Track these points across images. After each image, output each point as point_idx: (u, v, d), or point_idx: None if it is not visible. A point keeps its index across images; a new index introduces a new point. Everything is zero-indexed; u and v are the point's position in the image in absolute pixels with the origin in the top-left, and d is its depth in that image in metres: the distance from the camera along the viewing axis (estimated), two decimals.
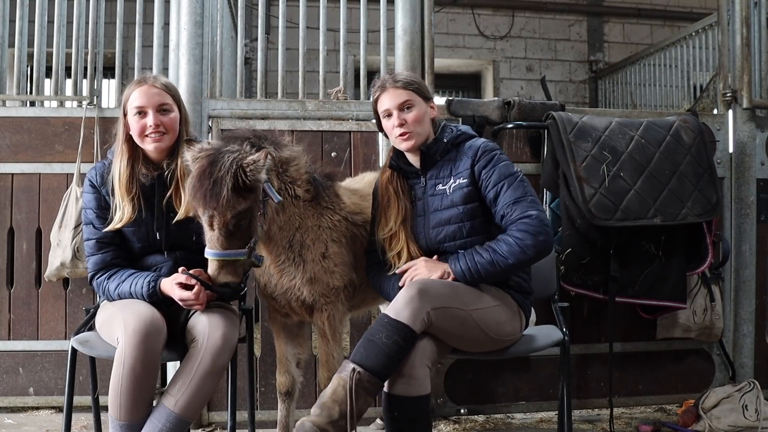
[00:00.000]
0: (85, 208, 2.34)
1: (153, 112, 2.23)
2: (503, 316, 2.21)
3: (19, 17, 3.37)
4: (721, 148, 3.47)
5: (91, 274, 2.31)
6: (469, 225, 2.24)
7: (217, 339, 2.08)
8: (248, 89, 5.81)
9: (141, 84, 2.26)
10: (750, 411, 2.93)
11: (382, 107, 2.32)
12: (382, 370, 1.98)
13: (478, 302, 2.15)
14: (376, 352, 1.99)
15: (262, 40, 3.33)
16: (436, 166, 2.32)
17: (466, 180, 2.24)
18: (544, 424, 3.24)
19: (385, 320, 2.04)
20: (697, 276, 3.23)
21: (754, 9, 3.54)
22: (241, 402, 2.77)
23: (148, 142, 2.25)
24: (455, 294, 2.13)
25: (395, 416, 2.02)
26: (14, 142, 3.20)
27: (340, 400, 1.96)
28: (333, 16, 3.41)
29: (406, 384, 2.01)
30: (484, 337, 2.18)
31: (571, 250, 3.02)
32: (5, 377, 3.18)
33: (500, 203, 2.20)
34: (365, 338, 2.04)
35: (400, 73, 2.37)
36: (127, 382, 1.98)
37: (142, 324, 2.03)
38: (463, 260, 2.18)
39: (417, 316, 2.02)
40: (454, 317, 2.09)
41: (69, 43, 3.35)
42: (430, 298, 2.06)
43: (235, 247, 2.07)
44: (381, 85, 2.32)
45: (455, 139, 2.32)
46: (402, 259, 2.31)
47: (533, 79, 7.21)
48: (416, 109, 2.28)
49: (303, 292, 2.33)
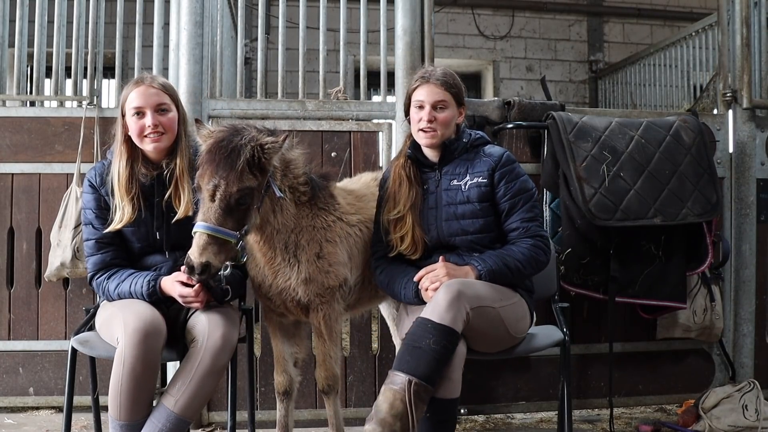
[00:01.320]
0: (84, 209, 2.34)
1: (151, 113, 2.23)
2: (520, 312, 2.27)
3: (19, 17, 3.37)
4: (721, 148, 3.47)
5: (90, 275, 2.31)
6: (481, 222, 2.31)
7: (217, 339, 2.08)
8: (248, 89, 5.81)
9: (138, 84, 2.26)
10: (750, 411, 2.93)
11: (417, 97, 2.35)
12: (434, 375, 1.99)
13: (503, 299, 2.20)
14: (427, 360, 1.98)
15: (262, 40, 3.33)
16: (453, 162, 2.38)
17: (485, 180, 2.32)
18: (544, 424, 3.24)
19: (429, 325, 2.03)
20: (697, 276, 3.23)
21: (754, 9, 3.54)
22: (241, 402, 2.77)
23: (147, 143, 2.25)
24: (487, 292, 2.17)
25: (427, 417, 2.02)
26: (14, 142, 3.20)
27: (401, 415, 1.94)
28: (333, 16, 3.41)
29: (444, 387, 2.02)
30: (506, 335, 2.22)
31: (571, 250, 3.02)
32: (5, 377, 3.18)
33: (516, 217, 2.30)
34: (409, 345, 2.02)
35: (446, 73, 2.38)
36: (127, 382, 1.98)
37: (142, 324, 2.03)
38: (489, 260, 2.23)
39: (459, 318, 2.04)
40: (487, 316, 2.13)
41: (69, 43, 3.35)
42: (469, 298, 2.08)
43: (227, 227, 2.03)
44: (424, 76, 2.36)
45: (475, 141, 2.41)
46: (405, 242, 2.33)
47: (533, 79, 7.21)
48: (448, 111, 2.34)
49: (298, 293, 2.33)
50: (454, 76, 2.39)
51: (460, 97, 2.38)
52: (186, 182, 2.26)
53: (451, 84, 2.35)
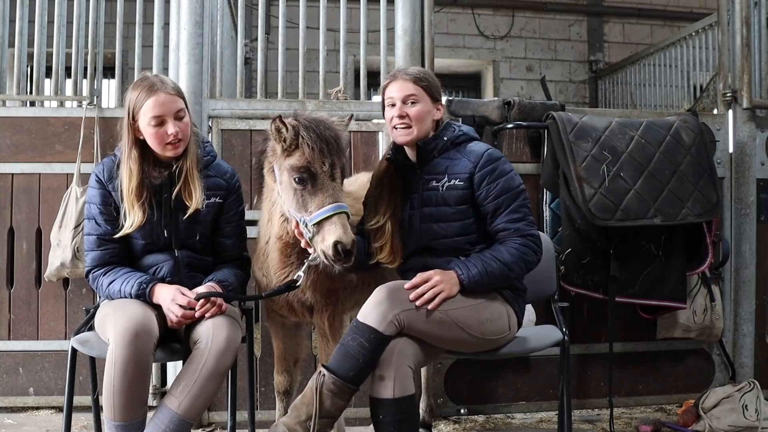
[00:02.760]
0: (89, 203, 2.30)
1: (172, 121, 2.20)
2: (486, 314, 2.18)
3: (19, 17, 3.37)
4: (721, 148, 3.47)
5: (88, 269, 2.30)
6: (459, 225, 2.24)
7: (221, 341, 2.07)
8: (248, 89, 5.81)
9: (155, 91, 2.19)
10: (750, 411, 2.93)
11: (387, 95, 2.33)
12: (349, 372, 2.00)
13: (453, 302, 2.13)
14: (344, 355, 2.02)
15: (262, 40, 3.34)
16: (433, 162, 2.31)
17: (462, 183, 2.23)
18: (544, 424, 3.24)
19: (354, 324, 2.06)
20: (697, 276, 3.24)
21: (754, 9, 3.54)
22: (241, 402, 2.76)
23: (169, 150, 2.22)
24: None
25: (380, 419, 2.02)
26: (14, 142, 3.20)
27: (308, 402, 2.01)
28: (333, 16, 3.41)
29: (385, 387, 2.01)
30: (468, 337, 2.16)
31: (571, 250, 3.02)
32: (5, 377, 3.18)
33: (502, 218, 2.21)
34: (339, 343, 2.07)
35: (414, 68, 2.37)
36: (119, 383, 1.98)
37: (131, 323, 2.02)
38: (474, 268, 2.16)
39: (384, 318, 2.02)
40: (429, 319, 2.08)
41: (69, 43, 3.35)
42: (400, 301, 2.06)
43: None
44: (393, 74, 2.35)
45: (456, 138, 2.31)
46: (384, 252, 2.30)
47: (533, 79, 7.20)
48: (420, 106, 2.27)
49: (306, 294, 2.34)
50: (426, 71, 2.37)
51: (433, 91, 2.31)
52: (197, 178, 2.25)
53: (421, 78, 2.29)
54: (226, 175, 2.39)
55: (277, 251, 2.31)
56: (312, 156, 2.09)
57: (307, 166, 2.10)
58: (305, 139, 2.11)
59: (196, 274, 2.32)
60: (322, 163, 2.09)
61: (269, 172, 2.28)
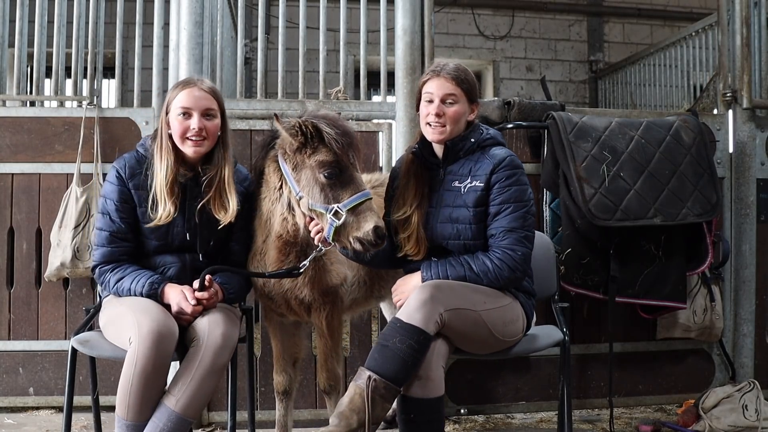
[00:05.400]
0: (105, 198, 2.28)
1: (198, 116, 2.22)
2: (509, 316, 2.23)
3: (19, 17, 3.37)
4: (721, 148, 3.47)
5: (95, 263, 2.29)
6: (475, 228, 2.24)
7: (217, 338, 2.08)
8: (248, 89, 5.80)
9: (188, 85, 2.25)
10: (750, 411, 2.93)
11: (426, 89, 2.31)
12: (398, 375, 1.98)
13: (487, 303, 2.16)
14: (391, 358, 1.99)
15: (262, 40, 3.34)
16: (457, 162, 2.32)
17: (482, 184, 2.24)
18: (544, 424, 3.24)
19: (398, 324, 2.03)
20: (697, 276, 3.24)
21: (754, 9, 3.54)
22: (241, 402, 2.76)
23: (188, 145, 2.23)
24: (466, 295, 2.14)
25: (411, 418, 2.02)
26: (14, 142, 3.20)
27: (358, 409, 1.97)
28: (333, 16, 3.41)
29: (422, 386, 2.01)
30: (491, 338, 2.19)
31: (571, 250, 3.02)
32: (5, 377, 3.18)
33: (499, 223, 2.22)
34: (379, 344, 2.04)
35: (459, 68, 2.33)
36: (137, 383, 1.98)
37: (156, 326, 2.02)
38: (435, 270, 2.20)
39: (430, 318, 2.02)
40: (467, 318, 2.10)
41: (69, 43, 3.35)
42: (443, 299, 2.07)
43: None
44: (435, 69, 2.32)
45: (483, 141, 2.33)
46: (410, 243, 2.29)
47: (533, 79, 7.21)
48: (458, 106, 2.28)
49: (303, 292, 2.34)
50: (467, 71, 2.33)
51: (472, 93, 2.31)
52: (232, 190, 2.26)
53: (463, 79, 2.28)
54: (246, 182, 2.41)
55: (276, 249, 2.31)
56: (341, 150, 2.15)
57: (337, 160, 2.16)
58: (331, 135, 2.16)
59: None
60: (348, 156, 2.17)
61: (275, 171, 2.29)
